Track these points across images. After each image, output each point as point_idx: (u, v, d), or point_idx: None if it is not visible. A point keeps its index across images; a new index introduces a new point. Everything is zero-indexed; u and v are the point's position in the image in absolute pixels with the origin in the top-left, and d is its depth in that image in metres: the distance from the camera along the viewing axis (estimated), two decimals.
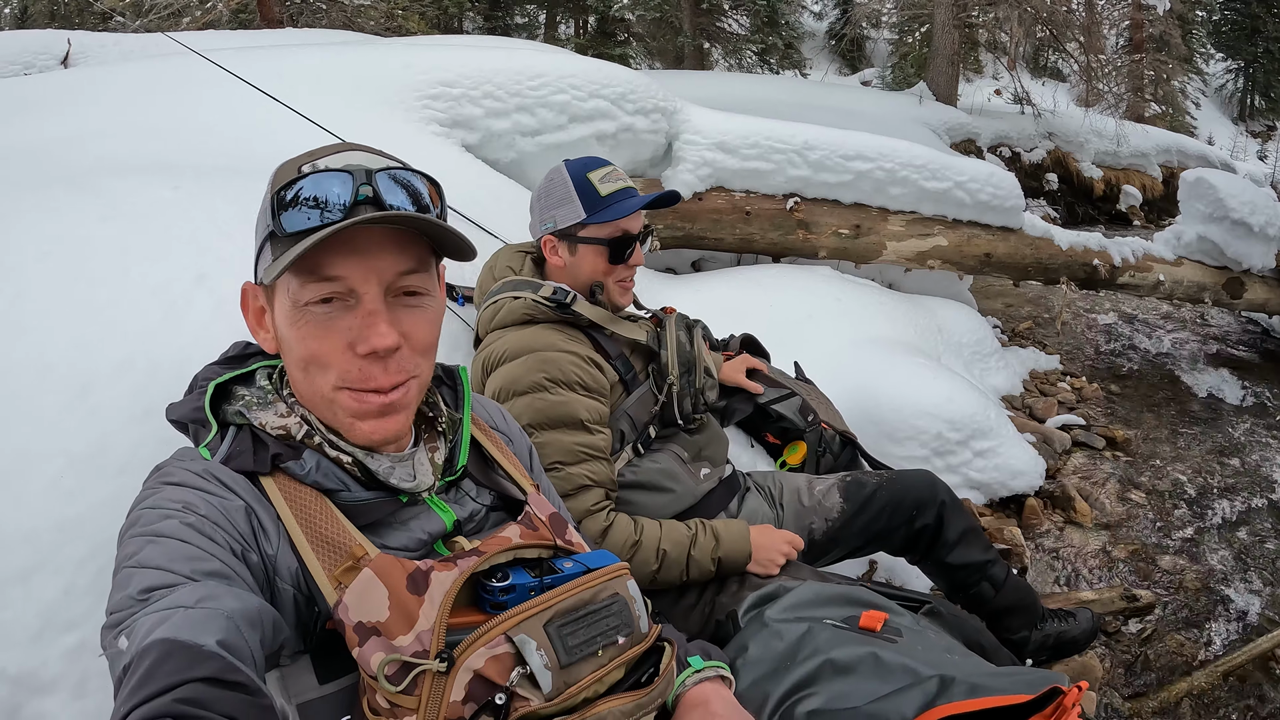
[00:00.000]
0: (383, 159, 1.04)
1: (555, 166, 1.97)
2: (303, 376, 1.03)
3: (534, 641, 0.93)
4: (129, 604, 0.86)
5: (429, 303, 1.05)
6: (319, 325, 0.99)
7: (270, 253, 1.02)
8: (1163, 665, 2.60)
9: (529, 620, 0.94)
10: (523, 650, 0.92)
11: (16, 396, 1.43)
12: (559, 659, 0.94)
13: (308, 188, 0.97)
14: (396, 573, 0.94)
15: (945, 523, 2.12)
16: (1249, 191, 5.23)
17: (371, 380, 1.00)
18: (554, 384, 1.79)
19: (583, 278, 1.95)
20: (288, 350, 1.04)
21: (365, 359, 1.00)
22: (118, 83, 3.91)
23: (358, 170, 0.98)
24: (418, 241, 1.02)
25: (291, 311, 1.00)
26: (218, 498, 0.97)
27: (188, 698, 0.74)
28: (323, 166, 1.00)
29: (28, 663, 1.27)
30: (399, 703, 0.89)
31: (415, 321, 1.03)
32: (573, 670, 0.95)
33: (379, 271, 0.99)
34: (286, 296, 1.00)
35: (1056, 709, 1.07)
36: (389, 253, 0.99)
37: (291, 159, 1.05)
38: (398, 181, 1.00)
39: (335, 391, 1.02)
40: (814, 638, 1.27)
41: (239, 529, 0.95)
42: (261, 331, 1.10)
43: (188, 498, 0.95)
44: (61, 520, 1.34)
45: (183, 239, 1.85)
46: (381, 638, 0.91)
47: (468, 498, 1.15)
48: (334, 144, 1.06)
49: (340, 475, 1.04)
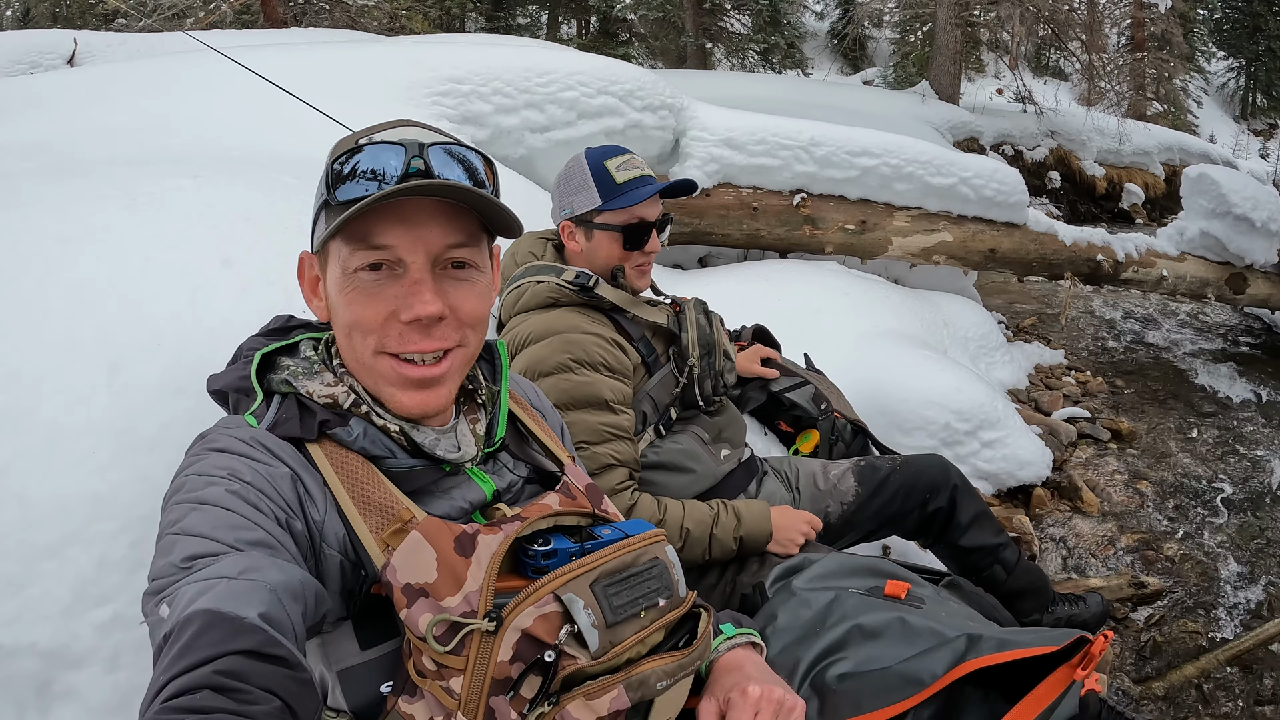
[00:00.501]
0: (437, 134, 1.06)
1: (576, 154, 2.01)
2: (347, 342, 1.06)
3: (581, 600, 0.94)
4: (172, 571, 0.87)
5: (477, 276, 1.08)
6: (365, 291, 1.02)
7: (324, 221, 1.05)
8: (1170, 650, 2.64)
9: (576, 580, 0.95)
10: (570, 609, 0.93)
11: (45, 374, 1.44)
12: (605, 618, 0.95)
13: (363, 160, 1.00)
14: (444, 535, 0.95)
15: (958, 506, 2.16)
16: (1251, 187, 5.26)
17: (410, 344, 1.03)
18: (579, 365, 1.82)
19: (599, 263, 1.99)
20: (336, 316, 1.07)
21: (408, 325, 1.02)
22: (127, 81, 3.94)
23: (410, 143, 1.01)
24: (468, 215, 1.05)
25: (341, 278, 1.03)
26: (264, 464, 0.98)
27: (228, 669, 0.75)
28: (378, 139, 1.02)
29: (59, 637, 1.27)
30: (446, 663, 0.91)
31: (462, 294, 1.05)
32: (617, 630, 0.96)
33: (427, 242, 1.01)
34: (337, 263, 1.03)
35: (1084, 657, 1.10)
36: (438, 224, 1.02)
37: (351, 134, 1.07)
38: (453, 156, 1.03)
39: (375, 357, 1.04)
40: (841, 604, 1.30)
41: (284, 496, 0.97)
42: (315, 299, 1.13)
43: (233, 465, 0.96)
44: (94, 494, 1.35)
45: (205, 225, 1.87)
46: (430, 599, 0.92)
47: (505, 469, 1.18)
48: (392, 119, 1.08)
49: (387, 443, 1.07)
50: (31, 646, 1.25)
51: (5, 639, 1.24)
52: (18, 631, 1.24)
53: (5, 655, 1.23)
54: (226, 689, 0.73)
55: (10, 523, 1.30)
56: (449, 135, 1.08)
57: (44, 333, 1.50)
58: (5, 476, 1.32)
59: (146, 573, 1.29)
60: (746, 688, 1.04)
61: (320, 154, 3.13)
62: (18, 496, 1.32)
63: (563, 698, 0.91)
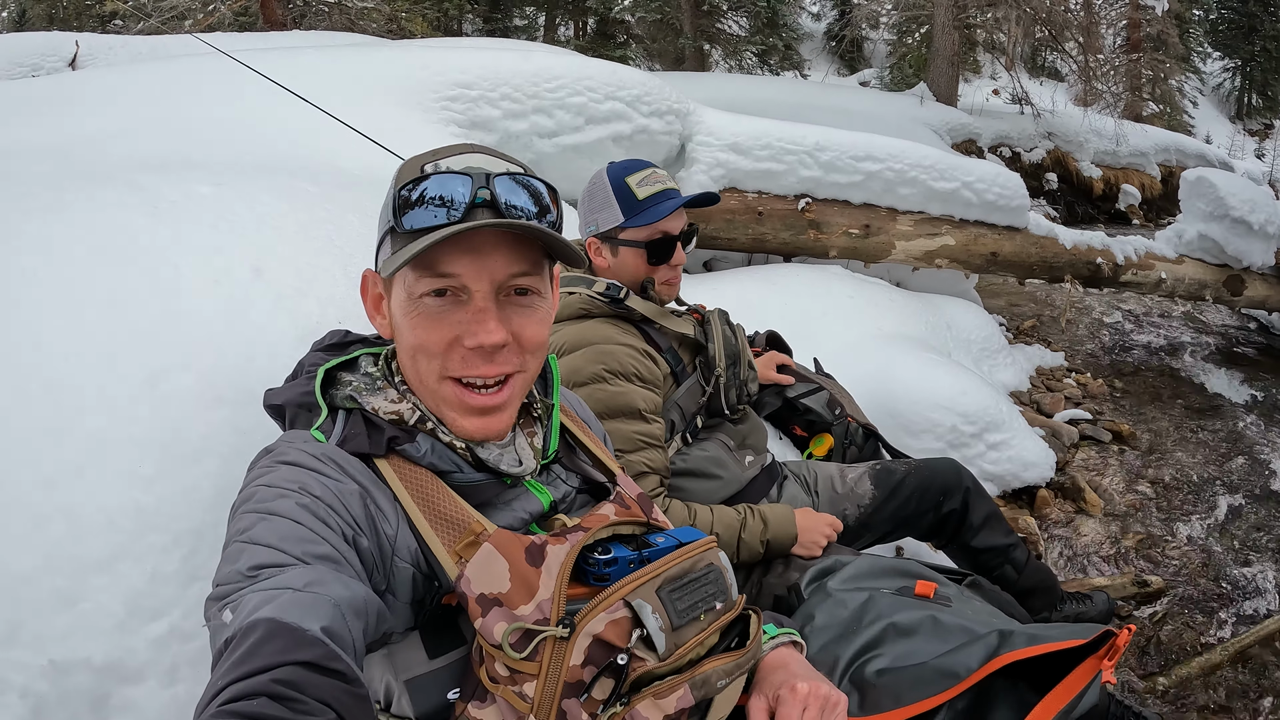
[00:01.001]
0: (504, 162, 1.09)
1: (598, 171, 2.05)
2: (411, 363, 1.09)
3: (649, 605, 0.98)
4: (237, 578, 0.89)
5: (539, 302, 1.11)
6: (430, 317, 1.05)
7: (390, 246, 1.07)
8: (1174, 647, 2.70)
9: (643, 586, 0.99)
10: (640, 614, 0.97)
11: (85, 386, 1.43)
12: (671, 621, 0.99)
13: (430, 188, 1.03)
14: (515, 546, 0.99)
15: (970, 508, 2.21)
16: (1249, 190, 5.33)
17: (473, 369, 1.06)
18: (613, 375, 1.86)
19: (627, 277, 2.03)
20: (400, 337, 1.10)
21: (471, 351, 1.05)
22: (133, 84, 3.94)
23: (477, 173, 1.04)
24: (531, 244, 1.07)
25: (406, 302, 1.06)
26: (333, 480, 1.00)
27: (286, 679, 0.76)
28: (444, 168, 1.05)
29: (115, 651, 1.26)
30: (520, 669, 0.94)
31: (524, 320, 1.08)
32: (681, 633, 1.00)
33: (491, 271, 1.04)
34: (403, 287, 1.06)
35: (1109, 649, 1.16)
36: (503, 254, 1.04)
37: (415, 157, 1.10)
38: (519, 184, 1.05)
39: (439, 382, 1.07)
40: (875, 604, 1.36)
41: (352, 513, 0.99)
42: (379, 317, 1.16)
43: (303, 479, 0.99)
44: (141, 507, 1.35)
45: (233, 233, 1.86)
46: (504, 608, 0.95)
47: (559, 480, 1.21)
48: (458, 144, 1.11)
49: (453, 458, 1.10)
50: (86, 661, 1.24)
51: (59, 654, 1.23)
52: (72, 646, 1.24)
53: (60, 671, 1.23)
54: (283, 698, 0.75)
55: (58, 537, 1.29)
56: (515, 162, 1.10)
57: (80, 343, 1.49)
58: (51, 490, 1.32)
59: (199, 586, 1.32)
60: (795, 684, 1.08)
61: (334, 160, 3.15)
62: (64, 510, 1.31)
63: (633, 698, 0.96)
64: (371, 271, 1.16)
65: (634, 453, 1.84)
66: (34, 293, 1.56)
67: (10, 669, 1.21)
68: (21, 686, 1.21)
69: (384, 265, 1.08)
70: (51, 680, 1.22)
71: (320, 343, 1.26)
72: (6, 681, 1.21)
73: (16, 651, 1.22)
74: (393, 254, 1.05)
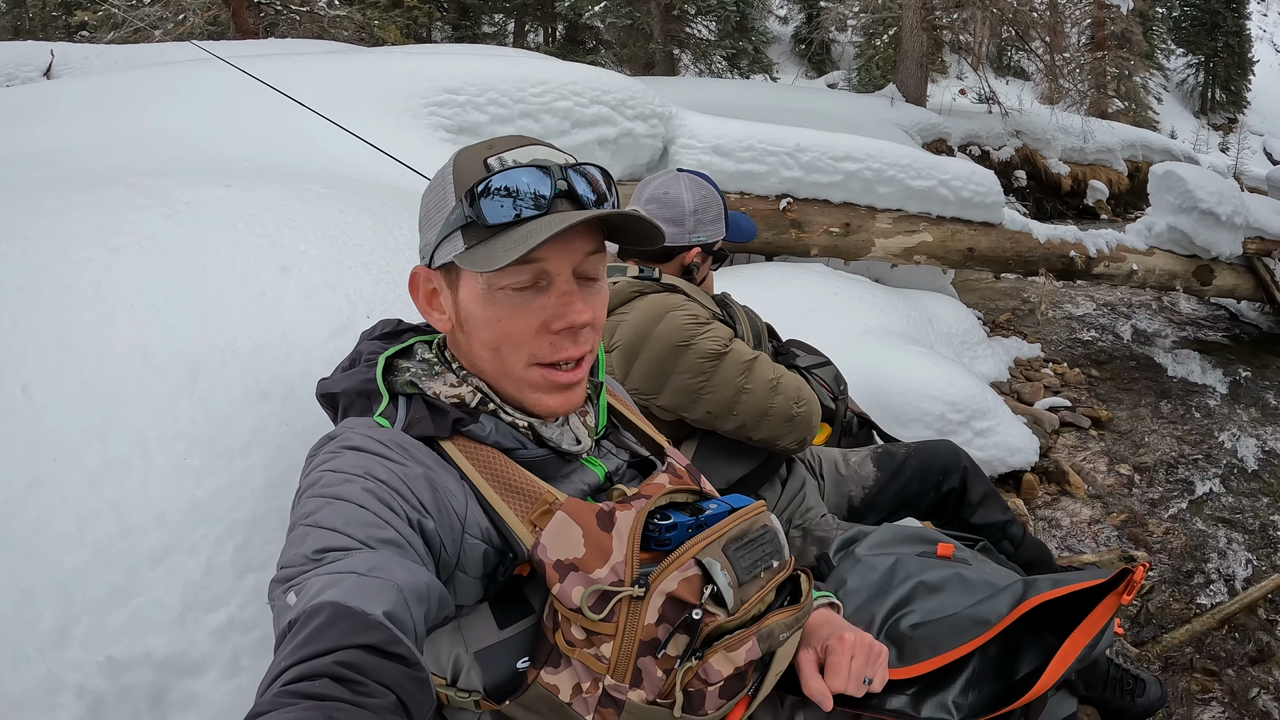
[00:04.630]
0: (561, 154, 1.13)
1: (698, 179, 2.16)
2: (491, 355, 1.11)
3: (718, 563, 1.03)
4: (302, 561, 0.91)
5: (603, 284, 1.16)
6: (514, 306, 1.08)
7: (461, 240, 1.08)
8: (1163, 617, 2.82)
9: (711, 545, 1.04)
10: (710, 571, 1.02)
11: (123, 383, 1.42)
12: (738, 578, 1.04)
13: (508, 182, 1.05)
14: (587, 513, 1.03)
15: (969, 486, 2.30)
16: (1216, 183, 5.49)
17: (562, 352, 1.10)
18: (701, 323, 1.94)
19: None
20: (475, 329, 1.12)
21: (558, 334, 1.09)
22: (114, 92, 3.91)
23: (551, 166, 1.07)
24: (596, 229, 1.12)
25: (485, 293, 1.08)
26: (399, 464, 1.03)
27: (348, 662, 0.77)
28: (512, 161, 1.08)
29: (174, 645, 1.25)
30: (598, 630, 0.99)
31: (595, 300, 1.13)
32: (745, 589, 1.06)
33: (571, 255, 1.08)
34: (478, 280, 1.08)
35: (1127, 585, 1.27)
36: (581, 239, 1.09)
37: (470, 151, 1.12)
38: (580, 173, 1.10)
39: (527, 369, 1.11)
40: (903, 566, 1.45)
41: (419, 497, 1.01)
42: (435, 313, 1.17)
43: (368, 464, 1.01)
44: (192, 500, 1.34)
45: (253, 233, 1.84)
46: (580, 572, 1.00)
47: (610, 454, 1.26)
48: (507, 137, 1.14)
49: (517, 435, 1.14)
50: (146, 656, 1.24)
51: (117, 651, 1.23)
52: (130, 642, 1.24)
53: (119, 668, 1.22)
54: (345, 679, 0.77)
55: (109, 533, 1.28)
56: (567, 152, 1.15)
57: (112, 340, 1.47)
58: (99, 486, 1.32)
59: (255, 576, 1.34)
60: (842, 634, 1.15)
61: (333, 166, 3.13)
62: (114, 506, 1.31)
63: (705, 652, 1.01)
64: (422, 268, 1.17)
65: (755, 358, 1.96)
66: (58, 294, 1.54)
67: (65, 668, 1.21)
68: (78, 685, 1.20)
69: (474, 260, 1.06)
70: (109, 677, 1.22)
71: (372, 332, 1.29)
72: (62, 681, 1.20)
73: (71, 650, 1.22)
74: (468, 248, 1.07)
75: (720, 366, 1.91)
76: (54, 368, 1.43)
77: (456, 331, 1.16)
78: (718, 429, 1.99)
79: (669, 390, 1.93)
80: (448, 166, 1.13)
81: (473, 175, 1.08)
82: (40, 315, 1.50)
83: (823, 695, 1.12)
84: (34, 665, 1.21)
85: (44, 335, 1.48)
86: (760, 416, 1.94)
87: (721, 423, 1.96)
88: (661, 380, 1.93)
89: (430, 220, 1.15)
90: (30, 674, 1.21)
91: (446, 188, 1.12)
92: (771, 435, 1.97)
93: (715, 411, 1.94)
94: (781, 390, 1.96)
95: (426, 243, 1.15)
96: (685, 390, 1.92)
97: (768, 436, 1.98)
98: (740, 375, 1.92)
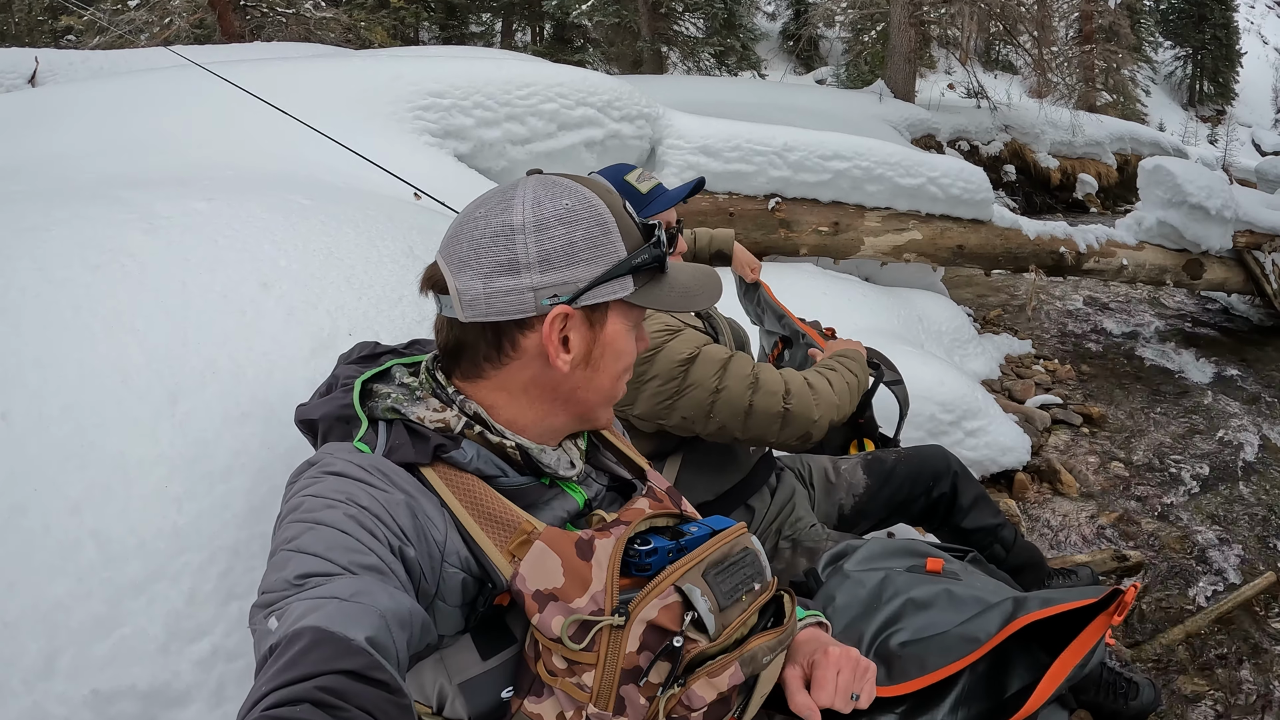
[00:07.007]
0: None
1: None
2: (615, 382, 1.18)
3: (698, 589, 1.03)
4: (283, 586, 0.90)
5: None
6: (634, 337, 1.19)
7: (632, 281, 1.11)
8: (1157, 616, 2.82)
9: (690, 571, 1.04)
10: (690, 597, 1.02)
11: (103, 406, 1.39)
12: (718, 603, 1.04)
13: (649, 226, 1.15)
14: (565, 542, 1.02)
15: (959, 490, 2.30)
16: (1205, 177, 5.50)
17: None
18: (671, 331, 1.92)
19: None
20: (610, 363, 1.15)
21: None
22: (97, 100, 3.89)
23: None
24: None
25: (629, 329, 1.16)
26: (380, 491, 1.02)
27: (330, 687, 0.77)
28: (629, 208, 1.15)
29: (159, 676, 1.23)
30: (578, 659, 0.98)
31: None
32: (727, 614, 1.05)
33: None
34: (625, 318, 1.14)
35: (1118, 605, 1.26)
36: None
37: (601, 189, 1.13)
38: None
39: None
40: (892, 582, 1.44)
41: (399, 523, 1.00)
42: (563, 354, 1.11)
43: (350, 489, 1.00)
44: (174, 527, 1.32)
45: (234, 248, 1.81)
46: (560, 602, 0.99)
47: (591, 479, 1.25)
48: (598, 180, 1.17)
49: (498, 463, 1.13)
50: (131, 688, 1.22)
51: (102, 683, 1.20)
52: (115, 674, 1.21)
53: (104, 700, 1.20)
54: (327, 705, 0.76)
55: (91, 562, 1.26)
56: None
57: (92, 363, 1.45)
58: (79, 514, 1.29)
59: (238, 604, 1.32)
60: (828, 649, 1.15)
61: (316, 173, 3.10)
62: (95, 534, 1.28)
63: (688, 679, 1.00)
64: (567, 307, 1.09)
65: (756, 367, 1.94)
66: (37, 314, 1.51)
67: (51, 701, 1.18)
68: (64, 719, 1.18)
69: (643, 297, 1.13)
70: (95, 710, 1.20)
71: (349, 355, 1.27)
72: (48, 715, 1.18)
73: (57, 683, 1.19)
74: (638, 288, 1.12)
75: (691, 369, 1.88)
76: (35, 392, 1.41)
77: (577, 370, 1.13)
78: (700, 434, 1.95)
79: (643, 398, 1.90)
80: (596, 204, 1.10)
81: (631, 221, 1.13)
82: (19, 337, 1.47)
83: (810, 711, 1.12)
84: (19, 698, 1.19)
85: (22, 356, 1.45)
86: (742, 415, 1.90)
87: (701, 426, 1.92)
88: (635, 389, 1.90)
89: (576, 258, 1.08)
90: (15, 707, 1.18)
91: (605, 228, 1.09)
92: (760, 434, 1.93)
93: (691, 416, 1.90)
94: (762, 387, 1.91)
95: (569, 280, 1.08)
96: (659, 395, 1.89)
97: (757, 435, 1.93)
98: (714, 376, 1.89)
